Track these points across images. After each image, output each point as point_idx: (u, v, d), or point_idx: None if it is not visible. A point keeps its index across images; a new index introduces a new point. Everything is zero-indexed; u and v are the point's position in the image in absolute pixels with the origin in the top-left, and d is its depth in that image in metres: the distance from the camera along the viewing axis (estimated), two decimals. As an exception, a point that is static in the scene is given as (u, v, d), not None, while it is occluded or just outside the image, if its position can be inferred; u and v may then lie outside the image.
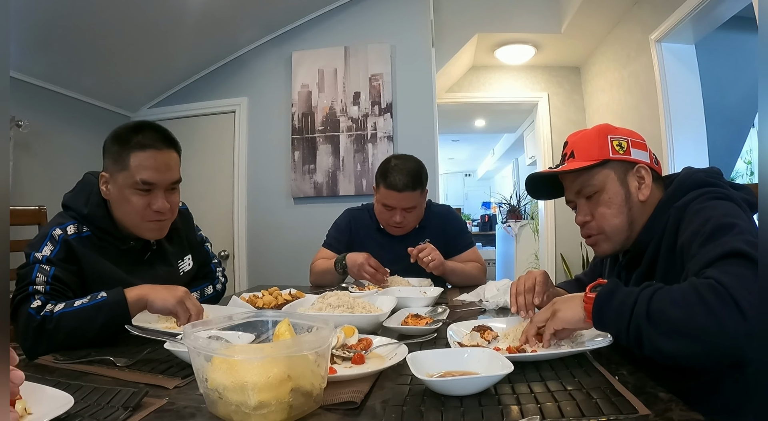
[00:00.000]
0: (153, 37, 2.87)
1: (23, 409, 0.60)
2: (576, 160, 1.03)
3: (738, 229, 0.76)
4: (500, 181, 9.64)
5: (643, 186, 1.00)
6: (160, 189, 1.16)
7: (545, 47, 3.87)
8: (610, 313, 0.75)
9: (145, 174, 1.13)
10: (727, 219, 0.79)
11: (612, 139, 1.02)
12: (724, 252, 0.72)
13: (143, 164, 1.13)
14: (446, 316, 1.16)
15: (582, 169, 1.01)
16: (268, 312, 0.85)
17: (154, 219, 1.17)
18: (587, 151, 1.02)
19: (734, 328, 0.63)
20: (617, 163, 1.01)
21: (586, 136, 1.05)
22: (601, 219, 1.01)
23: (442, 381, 0.68)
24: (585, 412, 0.60)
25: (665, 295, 0.70)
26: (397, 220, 1.79)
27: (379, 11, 3.21)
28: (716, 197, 0.88)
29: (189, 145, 3.44)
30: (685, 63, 2.78)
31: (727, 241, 0.74)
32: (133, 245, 1.22)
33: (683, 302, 0.68)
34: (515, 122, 5.83)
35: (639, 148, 1.03)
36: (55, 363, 0.87)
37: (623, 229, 1.00)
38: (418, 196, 1.78)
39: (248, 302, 1.33)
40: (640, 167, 1.00)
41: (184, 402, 0.68)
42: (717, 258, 0.72)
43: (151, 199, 1.15)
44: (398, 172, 1.74)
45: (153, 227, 1.18)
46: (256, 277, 3.26)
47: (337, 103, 3.18)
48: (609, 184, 1.00)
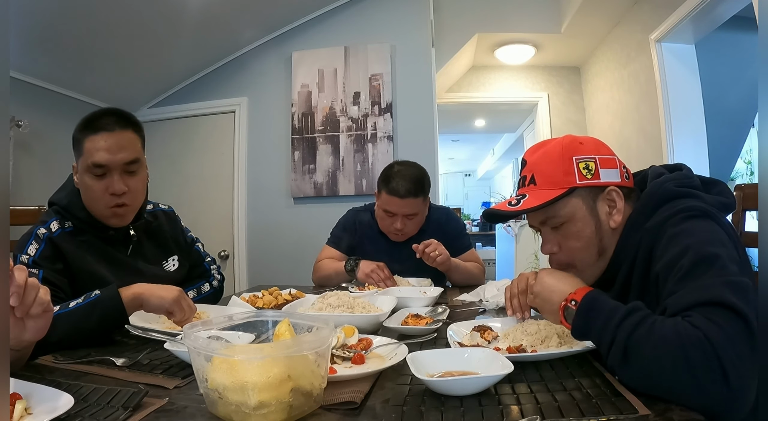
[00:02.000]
0: (153, 37, 2.87)
1: (23, 409, 0.60)
2: (538, 187, 0.92)
3: (720, 263, 0.70)
4: (500, 181, 9.65)
5: (614, 211, 0.91)
6: (115, 171, 1.13)
7: (545, 47, 3.87)
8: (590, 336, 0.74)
9: (96, 156, 1.11)
10: (707, 249, 0.72)
11: (578, 161, 0.90)
12: (708, 300, 0.65)
13: (95, 146, 1.11)
14: (446, 316, 1.16)
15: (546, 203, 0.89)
16: (268, 312, 0.85)
17: (113, 204, 1.15)
18: (550, 178, 0.91)
19: (715, 394, 0.59)
20: (585, 189, 0.90)
21: (548, 158, 0.93)
22: (570, 253, 0.93)
23: (442, 381, 0.68)
24: (585, 412, 0.60)
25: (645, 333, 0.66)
26: (398, 227, 1.78)
27: (379, 11, 3.21)
28: (692, 216, 0.80)
29: (189, 145, 3.49)
30: (685, 63, 2.78)
31: (710, 285, 0.67)
32: (113, 233, 1.21)
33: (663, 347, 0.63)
34: (515, 122, 5.83)
35: (608, 167, 0.91)
36: (55, 363, 0.86)
37: (593, 261, 0.93)
38: (420, 203, 1.77)
39: (248, 302, 1.33)
40: (611, 190, 0.90)
41: (184, 402, 0.67)
42: (699, 304, 0.66)
43: (108, 183, 1.13)
44: (401, 178, 1.72)
45: (113, 213, 1.16)
46: (256, 277, 3.26)
47: (337, 103, 3.18)
48: (577, 214, 0.90)
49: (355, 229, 1.95)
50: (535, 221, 0.97)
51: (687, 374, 0.60)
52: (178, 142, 3.50)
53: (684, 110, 2.75)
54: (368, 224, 1.94)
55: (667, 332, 0.63)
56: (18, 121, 2.52)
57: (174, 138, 3.51)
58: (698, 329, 0.61)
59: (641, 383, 0.66)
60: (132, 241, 1.26)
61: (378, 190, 1.83)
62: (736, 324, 0.62)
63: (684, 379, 0.60)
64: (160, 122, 3.55)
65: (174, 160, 3.47)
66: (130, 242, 1.26)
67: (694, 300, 0.66)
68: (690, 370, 0.60)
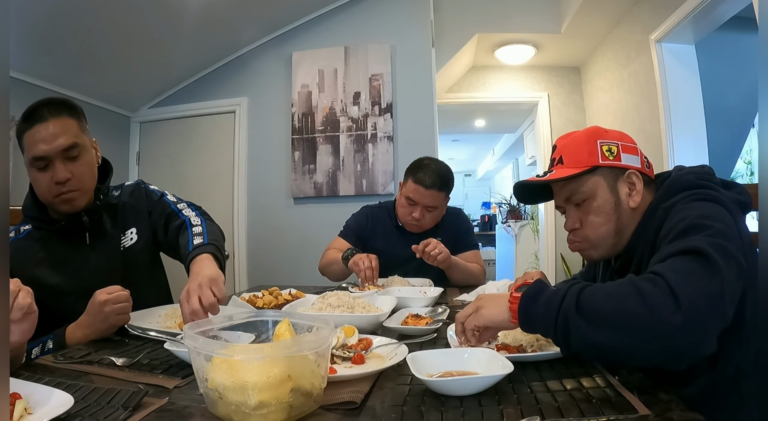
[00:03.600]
0: (153, 37, 2.88)
1: (23, 409, 0.60)
2: (565, 166, 1.00)
3: (710, 231, 0.73)
4: (500, 182, 9.64)
5: (634, 192, 0.97)
6: (56, 160, 1.12)
7: (545, 47, 3.87)
8: (537, 310, 0.73)
9: (34, 149, 1.10)
10: (702, 220, 0.76)
11: (602, 145, 0.98)
12: (681, 249, 0.70)
13: (32, 140, 1.10)
14: (446, 316, 1.16)
15: (571, 177, 0.98)
16: (268, 312, 0.85)
17: (60, 193, 1.14)
18: (576, 157, 0.99)
19: (668, 315, 0.61)
20: (607, 169, 0.97)
21: (575, 141, 1.01)
22: (590, 227, 0.99)
23: (442, 381, 0.68)
24: (585, 412, 0.60)
25: (597, 289, 0.69)
26: (416, 216, 1.82)
27: (379, 11, 3.21)
28: (702, 198, 0.85)
29: (189, 145, 3.49)
30: (685, 63, 2.78)
31: (690, 239, 0.72)
32: (63, 225, 1.19)
33: (616, 292, 0.66)
34: (515, 122, 5.82)
35: (630, 153, 0.99)
36: (55, 363, 0.86)
37: (609, 237, 0.98)
38: (442, 198, 1.83)
39: (248, 302, 1.33)
40: (631, 173, 0.97)
41: (184, 402, 0.67)
42: (671, 254, 0.70)
43: (52, 173, 1.12)
44: (429, 170, 1.80)
45: (62, 200, 1.15)
46: (256, 277, 3.26)
47: (337, 103, 3.18)
48: (599, 191, 0.97)
49: (368, 223, 1.99)
50: (560, 199, 1.04)
51: (640, 304, 0.64)
52: (178, 142, 3.50)
53: (684, 110, 2.75)
54: (381, 219, 1.99)
55: (619, 282, 0.70)
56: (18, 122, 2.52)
57: (174, 138, 3.52)
58: (650, 272, 0.67)
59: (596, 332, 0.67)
60: (87, 226, 1.23)
61: (404, 178, 1.89)
62: (691, 261, 0.67)
63: (638, 309, 0.64)
64: (160, 122, 3.55)
65: (174, 160, 3.47)
66: (85, 229, 1.23)
67: (666, 254, 0.71)
68: (642, 299, 0.64)
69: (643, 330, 0.63)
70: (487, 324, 0.82)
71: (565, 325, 0.69)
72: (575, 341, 0.69)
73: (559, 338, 0.71)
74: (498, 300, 0.82)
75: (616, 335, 0.65)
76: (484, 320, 0.81)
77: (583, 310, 0.68)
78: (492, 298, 0.84)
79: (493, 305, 0.82)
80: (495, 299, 0.83)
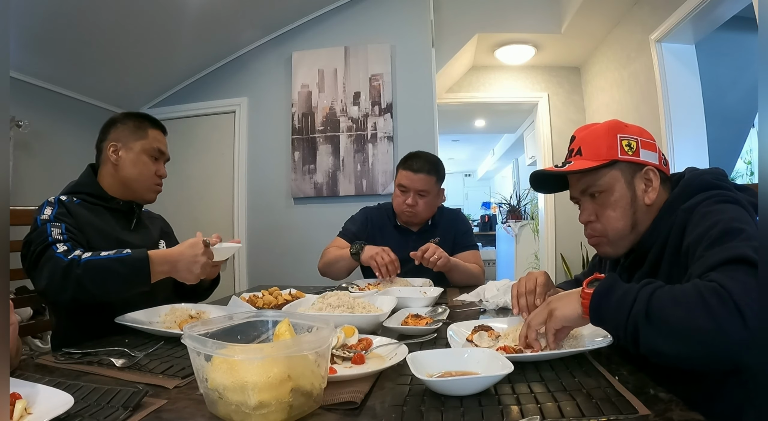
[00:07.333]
0: (153, 37, 2.88)
1: (23, 409, 0.60)
2: (583, 158, 1.00)
3: (745, 234, 0.75)
4: (500, 182, 9.63)
5: (650, 189, 0.97)
6: (163, 160, 1.46)
7: (545, 47, 3.87)
8: (609, 309, 0.74)
9: (160, 144, 1.44)
10: (735, 224, 0.77)
11: (621, 139, 0.98)
12: (731, 257, 0.70)
13: (158, 138, 1.45)
14: (446, 316, 1.16)
15: (589, 169, 0.98)
16: (268, 312, 0.85)
17: (156, 183, 1.43)
18: (595, 150, 0.99)
19: (734, 334, 0.62)
20: (625, 164, 0.98)
21: (595, 133, 1.01)
22: (606, 221, 0.99)
23: (442, 381, 0.68)
24: (585, 412, 0.60)
25: (666, 294, 0.69)
26: (410, 202, 1.85)
27: (379, 11, 3.21)
28: (725, 200, 0.86)
29: (189, 145, 3.48)
30: (685, 63, 2.78)
31: (734, 246, 0.72)
32: (121, 205, 1.38)
33: (684, 302, 0.66)
34: (515, 122, 5.82)
35: (648, 149, 0.99)
36: (55, 363, 0.87)
37: (626, 232, 0.98)
38: (433, 182, 1.87)
39: (248, 302, 1.33)
40: (649, 170, 0.97)
41: (184, 402, 0.67)
42: (722, 262, 0.70)
43: (158, 167, 1.43)
44: (417, 157, 1.89)
45: (156, 189, 1.44)
46: (256, 277, 3.26)
47: (337, 104, 3.18)
48: (616, 185, 0.97)
49: (367, 224, 2.01)
50: (576, 190, 1.04)
51: (708, 320, 0.63)
52: (178, 142, 3.48)
53: (684, 110, 2.74)
54: (380, 220, 2.01)
55: (685, 287, 0.68)
56: (18, 122, 2.52)
57: (174, 138, 3.48)
58: (714, 282, 0.66)
59: (665, 342, 0.67)
60: (136, 215, 1.42)
61: (396, 172, 1.95)
62: (746, 273, 0.67)
63: (706, 325, 0.63)
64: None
65: (174, 160, 3.42)
66: (134, 216, 1.42)
67: (716, 261, 0.71)
68: (710, 315, 0.63)
69: (710, 344, 0.64)
70: (564, 325, 0.83)
71: (634, 329, 0.69)
72: (644, 345, 0.69)
73: (629, 340, 0.71)
74: (569, 298, 0.83)
75: (684, 347, 0.66)
76: (560, 321, 0.82)
77: (651, 318, 0.68)
78: (562, 298, 0.85)
79: (566, 304, 0.82)
80: (565, 298, 0.84)
